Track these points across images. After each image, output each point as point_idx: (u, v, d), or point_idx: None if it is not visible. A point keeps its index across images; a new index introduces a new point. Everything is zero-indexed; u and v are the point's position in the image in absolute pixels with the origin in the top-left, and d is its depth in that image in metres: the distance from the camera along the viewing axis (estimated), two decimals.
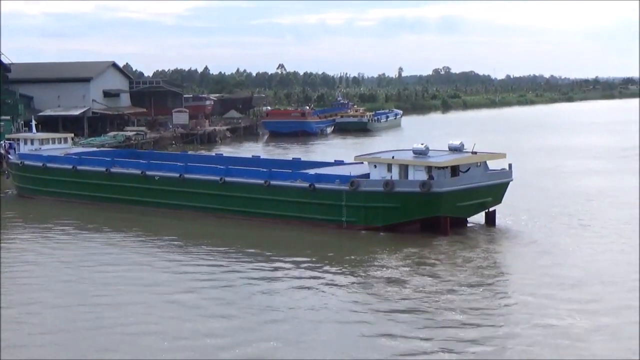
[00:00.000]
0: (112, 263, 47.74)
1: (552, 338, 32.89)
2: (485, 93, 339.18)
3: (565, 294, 39.02)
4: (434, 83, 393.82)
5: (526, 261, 46.50)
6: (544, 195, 69.11)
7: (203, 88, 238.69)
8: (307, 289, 41.14)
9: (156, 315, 37.21)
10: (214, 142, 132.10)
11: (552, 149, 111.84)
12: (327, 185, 56.91)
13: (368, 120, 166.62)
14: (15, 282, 43.58)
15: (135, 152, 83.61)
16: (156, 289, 41.72)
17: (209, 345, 32.74)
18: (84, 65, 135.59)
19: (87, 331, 34.92)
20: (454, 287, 40.69)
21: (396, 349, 32.01)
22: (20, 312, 37.75)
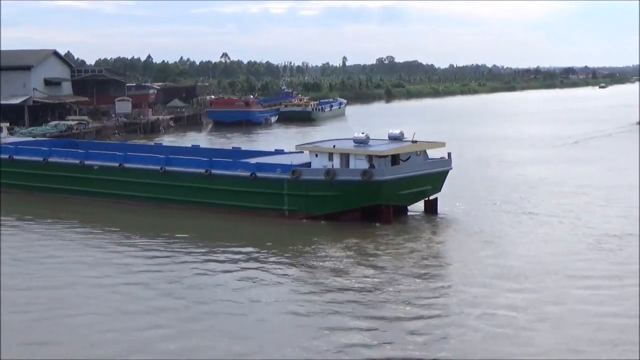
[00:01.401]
0: (51, 255, 46.74)
1: (497, 327, 32.85)
2: (429, 82, 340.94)
3: (508, 284, 38.98)
4: (377, 72, 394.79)
5: (469, 250, 46.37)
6: (485, 183, 69.49)
7: (146, 77, 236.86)
8: (249, 280, 40.75)
9: (92, 306, 36.52)
10: (157, 131, 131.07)
11: (493, 138, 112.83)
12: (268, 174, 56.61)
13: (312, 110, 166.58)
14: None
15: (74, 142, 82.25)
16: (95, 280, 40.91)
17: (148, 338, 32.11)
18: (24, 53, 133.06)
19: (26, 324, 34.14)
20: (396, 277, 40.53)
21: (337, 341, 31.66)
22: None
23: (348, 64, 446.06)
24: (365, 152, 55.17)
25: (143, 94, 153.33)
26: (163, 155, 63.85)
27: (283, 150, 67.15)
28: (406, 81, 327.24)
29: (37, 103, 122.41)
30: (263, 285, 39.86)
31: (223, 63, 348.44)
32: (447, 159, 58.03)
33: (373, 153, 54.81)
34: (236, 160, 61.35)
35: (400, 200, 55.56)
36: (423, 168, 56.55)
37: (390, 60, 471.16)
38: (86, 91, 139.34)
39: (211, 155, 64.10)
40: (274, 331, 33.37)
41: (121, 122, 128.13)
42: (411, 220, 55.93)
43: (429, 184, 56.59)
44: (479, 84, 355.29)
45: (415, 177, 55.68)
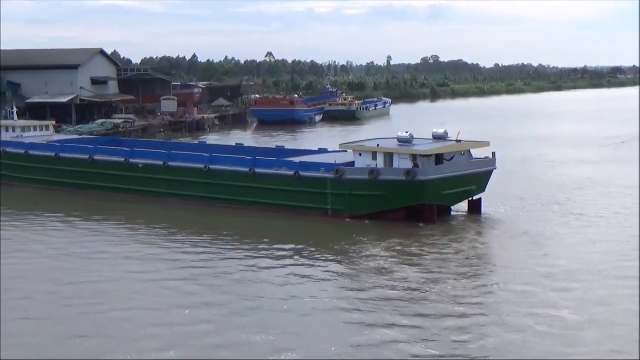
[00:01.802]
0: (99, 251, 47.38)
1: (542, 327, 32.63)
2: (474, 82, 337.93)
3: (554, 285, 38.62)
4: (422, 72, 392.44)
5: (514, 251, 45.98)
6: (531, 184, 68.82)
7: (191, 76, 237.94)
8: (293, 277, 41.00)
9: (138, 300, 37.02)
10: (202, 130, 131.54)
11: (539, 138, 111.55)
12: (312, 173, 56.66)
13: (357, 109, 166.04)
14: None
15: (119, 140, 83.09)
16: (141, 275, 41.54)
17: (190, 332, 32.38)
18: (72, 52, 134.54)
19: (71, 317, 34.65)
20: (440, 277, 40.37)
21: (380, 338, 31.72)
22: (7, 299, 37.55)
23: (393, 63, 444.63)
24: (409, 151, 54.95)
25: (188, 93, 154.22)
26: (207, 154, 64.27)
27: (327, 149, 66.98)
28: (451, 81, 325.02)
29: (84, 102, 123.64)
30: (307, 283, 40.03)
31: (268, 62, 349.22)
32: (491, 158, 57.58)
33: (417, 152, 54.57)
34: (280, 159, 61.45)
35: (444, 200, 55.21)
36: (467, 168, 56.14)
37: (435, 59, 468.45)
38: (132, 90, 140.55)
39: (255, 154, 64.16)
40: (316, 327, 33.47)
41: (167, 120, 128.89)
42: (455, 220, 55.59)
43: (473, 184, 56.19)
44: (525, 83, 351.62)
45: (459, 177, 55.25)
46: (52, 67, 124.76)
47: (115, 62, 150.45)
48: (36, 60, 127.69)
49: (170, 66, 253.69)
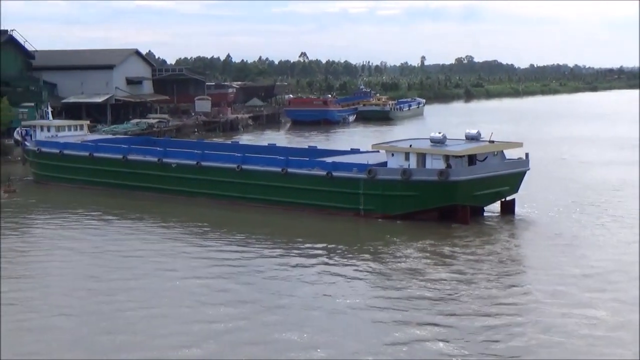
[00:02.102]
0: (133, 249, 47.81)
1: (575, 330, 32.42)
2: (509, 82, 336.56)
3: (588, 288, 38.21)
4: (456, 72, 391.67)
5: (548, 253, 45.44)
6: (564, 185, 68.25)
7: (225, 76, 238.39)
8: (325, 276, 41.07)
9: (170, 298, 37.28)
10: (236, 130, 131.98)
11: (574, 139, 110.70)
12: (344, 173, 56.64)
13: (390, 109, 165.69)
14: (33, 267, 43.92)
15: (152, 140, 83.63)
16: (174, 273, 41.79)
17: (219, 329, 32.59)
18: (107, 52, 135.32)
19: (104, 315, 34.85)
20: (473, 278, 40.12)
21: (411, 338, 31.67)
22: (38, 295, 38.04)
23: (427, 64, 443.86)
24: (442, 151, 54.71)
25: (222, 93, 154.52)
26: (240, 154, 64.46)
27: (359, 149, 66.89)
28: (485, 81, 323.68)
29: (119, 101, 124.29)
30: (339, 283, 39.93)
31: (301, 62, 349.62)
32: (524, 159, 57.19)
33: (450, 153, 54.34)
34: (312, 159, 61.47)
35: (476, 201, 54.91)
36: (500, 168, 55.82)
37: (470, 59, 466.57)
38: (166, 90, 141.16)
39: (287, 154, 64.22)
40: (347, 327, 33.35)
41: (200, 120, 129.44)
42: (488, 221, 55.20)
43: (506, 184, 55.85)
44: (560, 84, 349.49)
45: (492, 178, 54.95)
46: (87, 67, 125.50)
47: (150, 62, 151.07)
48: (72, 61, 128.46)
49: (204, 66, 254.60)
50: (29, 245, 49.47)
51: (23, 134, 79.85)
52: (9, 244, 49.33)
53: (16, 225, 55.67)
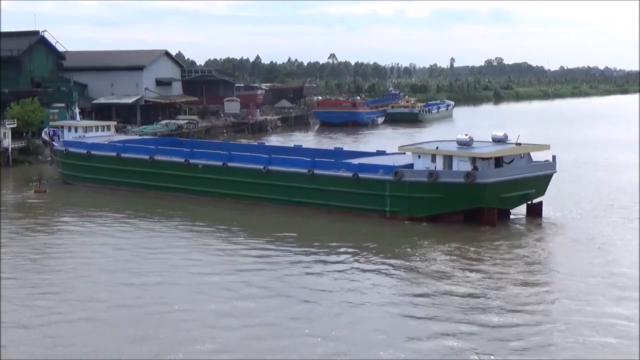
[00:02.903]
0: (162, 247, 48.05)
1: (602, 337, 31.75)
2: (539, 84, 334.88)
3: (617, 293, 37.45)
4: (486, 74, 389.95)
5: (577, 257, 44.72)
6: (594, 187, 67.34)
7: (254, 77, 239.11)
8: (352, 276, 40.93)
9: (197, 302, 37.05)
10: (265, 131, 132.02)
11: (602, 141, 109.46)
12: (370, 175, 56.24)
13: (419, 111, 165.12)
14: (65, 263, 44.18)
15: (179, 141, 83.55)
16: (203, 277, 41.53)
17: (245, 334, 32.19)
18: (137, 53, 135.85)
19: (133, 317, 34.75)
20: (500, 282, 39.44)
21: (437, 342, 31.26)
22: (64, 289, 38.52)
23: (456, 66, 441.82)
24: (469, 154, 54.15)
25: (251, 95, 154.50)
26: (266, 155, 64.14)
27: (385, 151, 66.63)
28: (515, 83, 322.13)
29: (148, 102, 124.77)
30: (365, 283, 39.61)
31: (331, 64, 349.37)
32: (551, 162, 56.47)
33: (476, 155, 53.79)
34: (338, 160, 60.97)
35: (503, 203, 54.26)
36: (527, 171, 55.21)
37: (499, 61, 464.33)
38: (196, 91, 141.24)
39: (314, 156, 63.86)
40: (371, 330, 32.95)
41: (229, 121, 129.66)
42: (515, 224, 54.49)
43: (533, 187, 55.21)
44: (591, 86, 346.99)
45: (519, 180, 54.36)
46: (117, 69, 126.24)
47: (180, 63, 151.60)
48: (102, 62, 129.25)
49: (233, 67, 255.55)
50: (61, 244, 49.76)
51: (51, 134, 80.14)
52: (42, 241, 50.05)
53: (48, 225, 56.09)
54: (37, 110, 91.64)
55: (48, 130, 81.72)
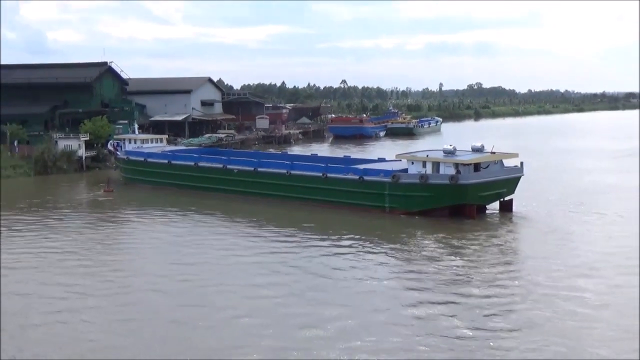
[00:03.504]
0: (206, 236, 47.90)
1: (560, 308, 31.62)
2: (511, 104, 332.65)
3: (578, 272, 37.26)
4: (468, 96, 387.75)
5: (542, 243, 44.46)
6: (557, 187, 66.98)
7: (280, 99, 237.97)
8: (359, 260, 40.64)
9: (245, 273, 37.60)
10: (288, 142, 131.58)
11: (564, 150, 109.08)
12: (373, 177, 56.21)
13: (414, 126, 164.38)
14: (128, 250, 44.35)
15: (217, 151, 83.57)
16: (241, 252, 42.40)
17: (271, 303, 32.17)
18: (186, 80, 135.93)
19: (186, 289, 34.84)
20: (478, 264, 39.28)
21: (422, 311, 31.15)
22: (133, 272, 38.40)
23: (444, 89, 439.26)
24: (453, 160, 54.08)
25: (278, 113, 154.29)
26: (288, 162, 64.44)
27: (384, 158, 66.53)
28: (492, 103, 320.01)
29: (195, 120, 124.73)
30: (369, 265, 39.47)
31: (342, 88, 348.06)
32: (519, 167, 56.45)
33: (459, 162, 53.73)
34: (347, 166, 61.22)
35: (481, 200, 54.16)
36: (500, 174, 55.10)
37: (479, 85, 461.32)
38: (233, 110, 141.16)
39: (327, 162, 64.17)
40: (373, 299, 33.13)
41: (260, 135, 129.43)
42: (490, 217, 54.31)
43: (505, 187, 55.11)
44: (553, 106, 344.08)
45: (493, 182, 54.31)
46: (170, 92, 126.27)
47: (220, 88, 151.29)
48: (158, 86, 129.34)
49: (263, 91, 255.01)
50: (126, 234, 50.15)
51: (115, 145, 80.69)
52: (111, 234, 50.13)
53: (115, 217, 56.34)
54: (105, 126, 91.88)
55: (113, 142, 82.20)
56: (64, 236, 48.03)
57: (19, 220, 53.90)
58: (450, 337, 28.09)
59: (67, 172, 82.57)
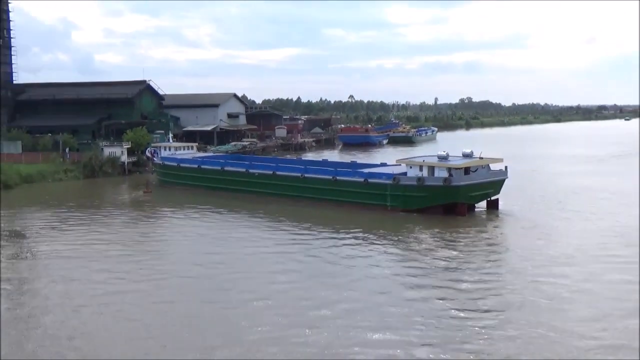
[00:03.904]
0: (232, 231, 47.85)
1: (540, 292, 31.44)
2: (497, 116, 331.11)
3: (556, 264, 36.87)
4: (460, 108, 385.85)
5: (526, 238, 44.07)
6: (537, 189, 66.45)
7: (296, 111, 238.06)
8: (364, 251, 40.49)
9: (266, 262, 37.59)
10: (303, 149, 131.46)
11: (544, 156, 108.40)
12: (376, 180, 56.07)
13: (412, 135, 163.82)
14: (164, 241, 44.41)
15: (241, 157, 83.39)
16: (262, 244, 42.52)
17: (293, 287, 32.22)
18: (214, 95, 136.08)
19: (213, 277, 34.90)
20: (468, 256, 39.05)
21: (416, 294, 31.11)
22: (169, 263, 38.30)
23: (439, 102, 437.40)
24: (446, 165, 53.91)
25: (294, 124, 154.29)
26: (302, 166, 64.16)
27: (386, 163, 66.47)
28: (480, 115, 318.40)
29: (222, 130, 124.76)
30: (372, 255, 39.40)
31: (350, 102, 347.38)
32: (504, 170, 56.11)
33: (451, 166, 53.55)
34: (354, 170, 61.21)
35: (470, 199, 53.91)
36: (487, 177, 54.84)
37: (469, 99, 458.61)
38: (255, 121, 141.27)
39: (336, 167, 64.20)
40: (376, 283, 33.18)
41: (279, 143, 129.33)
42: (479, 214, 54.05)
43: (491, 188, 54.85)
44: (534, 117, 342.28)
45: (481, 183, 54.04)
46: (200, 106, 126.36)
47: (244, 102, 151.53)
48: (190, 101, 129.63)
49: (281, 105, 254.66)
50: (163, 229, 50.31)
51: (152, 152, 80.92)
52: (150, 228, 50.40)
53: (154, 215, 56.53)
54: (144, 136, 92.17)
55: (150, 150, 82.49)
56: (109, 230, 48.32)
57: (71, 216, 54.26)
58: (443, 318, 28.05)
59: (112, 175, 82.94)
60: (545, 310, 28.91)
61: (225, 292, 32.14)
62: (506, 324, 27.31)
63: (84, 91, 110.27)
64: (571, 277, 34.07)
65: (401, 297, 31.00)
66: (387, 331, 26.59)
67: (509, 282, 33.43)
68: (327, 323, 27.56)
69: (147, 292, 32.26)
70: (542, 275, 34.46)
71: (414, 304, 29.88)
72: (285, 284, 33.26)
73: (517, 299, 30.52)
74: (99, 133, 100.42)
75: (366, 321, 27.69)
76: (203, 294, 31.89)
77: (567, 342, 25.55)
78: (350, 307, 29.52)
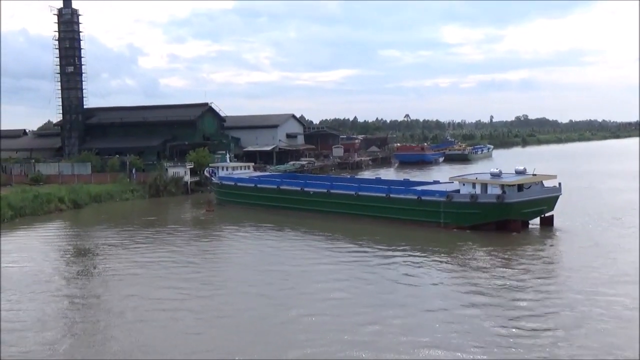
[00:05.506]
0: (289, 247, 48.26)
1: (598, 315, 30.42)
2: (554, 133, 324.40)
3: (615, 284, 35.43)
4: (515, 126, 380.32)
5: (580, 255, 42.74)
6: (594, 205, 64.52)
7: (353, 131, 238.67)
8: (418, 267, 40.22)
9: (323, 277, 37.79)
10: (360, 168, 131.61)
11: (602, 172, 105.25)
12: (429, 197, 55.59)
13: (468, 153, 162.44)
14: (226, 258, 44.86)
15: (296, 175, 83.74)
16: (319, 260, 42.44)
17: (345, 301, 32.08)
18: (273, 116, 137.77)
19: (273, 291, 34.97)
20: (522, 274, 37.96)
21: (470, 312, 30.50)
22: (230, 275, 38.73)
23: (494, 120, 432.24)
24: (499, 182, 53.06)
25: (351, 143, 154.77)
26: (356, 184, 64.32)
27: (439, 180, 66.01)
28: (537, 132, 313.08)
29: (281, 150, 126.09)
30: (428, 272, 38.93)
31: (405, 121, 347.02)
32: (558, 187, 54.88)
33: (504, 183, 52.68)
34: (407, 187, 60.87)
35: (523, 216, 52.83)
36: (540, 194, 53.67)
37: (525, 117, 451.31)
38: (313, 141, 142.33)
39: (389, 184, 64.07)
40: (433, 299, 32.72)
41: (336, 162, 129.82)
42: (533, 231, 52.82)
43: (545, 205, 53.62)
44: (592, 133, 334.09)
45: (535, 200, 52.92)
46: (260, 127, 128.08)
47: (302, 122, 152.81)
48: (250, 122, 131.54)
49: (338, 124, 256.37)
50: (225, 246, 50.72)
51: (210, 172, 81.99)
52: (212, 244, 51.22)
53: (216, 232, 57.20)
54: (207, 156, 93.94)
55: (209, 169, 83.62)
56: (173, 247, 49.17)
57: (137, 234, 55.54)
58: (503, 336, 27.34)
59: (175, 194, 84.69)
60: (605, 330, 27.97)
61: (281, 308, 32.10)
62: (567, 344, 26.44)
63: (150, 114, 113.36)
64: (631, 295, 32.73)
65: (457, 313, 30.40)
66: (443, 350, 26.09)
67: (570, 301, 32.31)
68: (380, 339, 27.23)
69: (212, 307, 32.61)
70: (601, 293, 33.27)
71: (471, 322, 29.19)
72: (341, 300, 33.04)
73: (577, 318, 29.53)
74: (163, 154, 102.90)
75: (420, 338, 27.27)
76: (259, 306, 32.22)
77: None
78: (405, 323, 29.18)
